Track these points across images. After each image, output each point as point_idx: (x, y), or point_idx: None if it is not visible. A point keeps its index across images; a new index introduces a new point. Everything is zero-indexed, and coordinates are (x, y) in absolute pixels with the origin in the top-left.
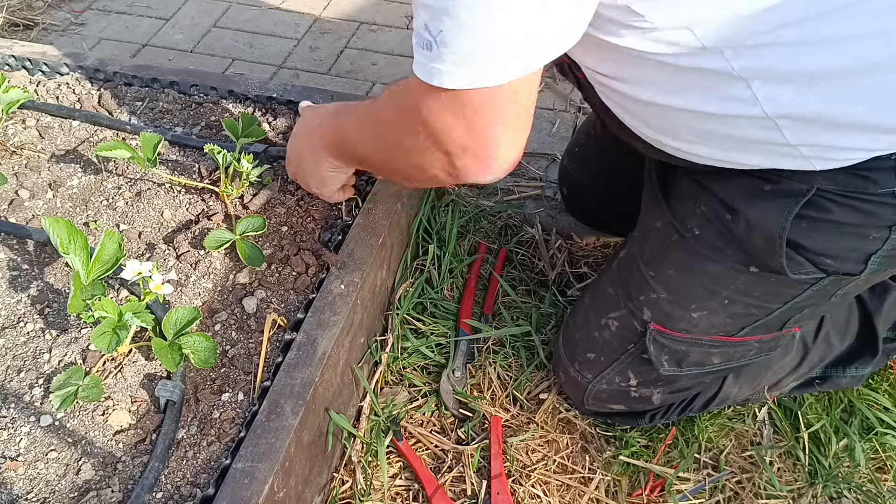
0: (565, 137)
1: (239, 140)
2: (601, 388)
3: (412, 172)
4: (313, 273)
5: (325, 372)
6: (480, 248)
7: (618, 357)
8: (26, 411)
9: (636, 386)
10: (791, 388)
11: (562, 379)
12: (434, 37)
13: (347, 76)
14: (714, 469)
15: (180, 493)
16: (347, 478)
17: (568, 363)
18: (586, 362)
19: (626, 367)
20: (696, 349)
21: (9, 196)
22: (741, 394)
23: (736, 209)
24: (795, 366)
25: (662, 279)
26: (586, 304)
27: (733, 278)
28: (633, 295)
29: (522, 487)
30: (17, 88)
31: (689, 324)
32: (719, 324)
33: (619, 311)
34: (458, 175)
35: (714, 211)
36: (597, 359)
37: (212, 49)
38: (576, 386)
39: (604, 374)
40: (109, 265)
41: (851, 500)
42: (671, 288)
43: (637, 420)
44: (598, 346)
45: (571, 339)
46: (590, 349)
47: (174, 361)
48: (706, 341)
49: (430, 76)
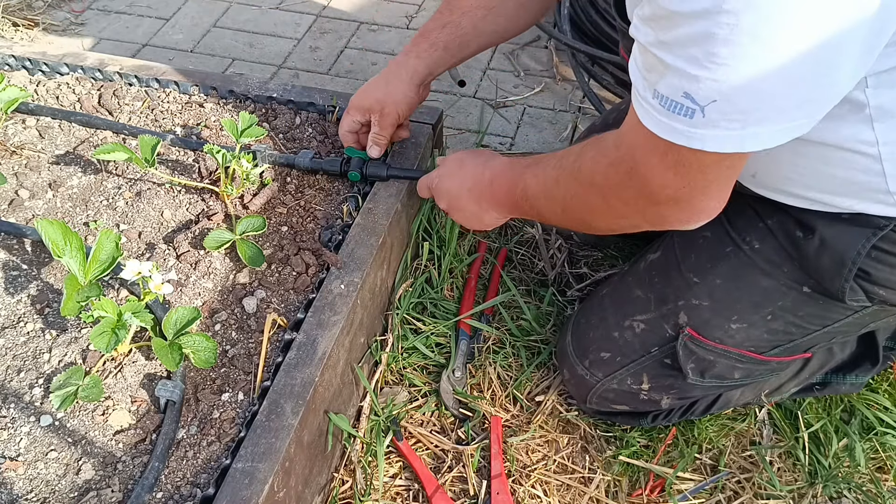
0: (565, 137)
1: (239, 140)
2: (610, 388)
3: (604, 223)
4: (313, 273)
5: (325, 372)
6: (480, 248)
7: (637, 359)
8: (26, 411)
9: (648, 390)
10: (791, 393)
11: (566, 376)
12: (702, 106)
13: (347, 76)
14: (714, 469)
15: (180, 492)
16: (347, 478)
17: (576, 361)
18: (599, 361)
19: (643, 370)
20: (724, 361)
21: (9, 196)
22: (742, 399)
23: (813, 228)
24: (797, 371)
25: (707, 287)
26: (604, 305)
27: (783, 295)
28: (668, 299)
29: (522, 487)
30: (14, 87)
31: (726, 334)
32: (755, 338)
33: (648, 315)
34: (661, 224)
35: (783, 226)
36: (612, 359)
37: (212, 49)
38: (581, 384)
39: (616, 375)
40: (107, 265)
41: (851, 500)
42: (715, 296)
43: (639, 420)
44: (615, 346)
45: (584, 338)
46: (605, 349)
47: (174, 361)
48: (735, 354)
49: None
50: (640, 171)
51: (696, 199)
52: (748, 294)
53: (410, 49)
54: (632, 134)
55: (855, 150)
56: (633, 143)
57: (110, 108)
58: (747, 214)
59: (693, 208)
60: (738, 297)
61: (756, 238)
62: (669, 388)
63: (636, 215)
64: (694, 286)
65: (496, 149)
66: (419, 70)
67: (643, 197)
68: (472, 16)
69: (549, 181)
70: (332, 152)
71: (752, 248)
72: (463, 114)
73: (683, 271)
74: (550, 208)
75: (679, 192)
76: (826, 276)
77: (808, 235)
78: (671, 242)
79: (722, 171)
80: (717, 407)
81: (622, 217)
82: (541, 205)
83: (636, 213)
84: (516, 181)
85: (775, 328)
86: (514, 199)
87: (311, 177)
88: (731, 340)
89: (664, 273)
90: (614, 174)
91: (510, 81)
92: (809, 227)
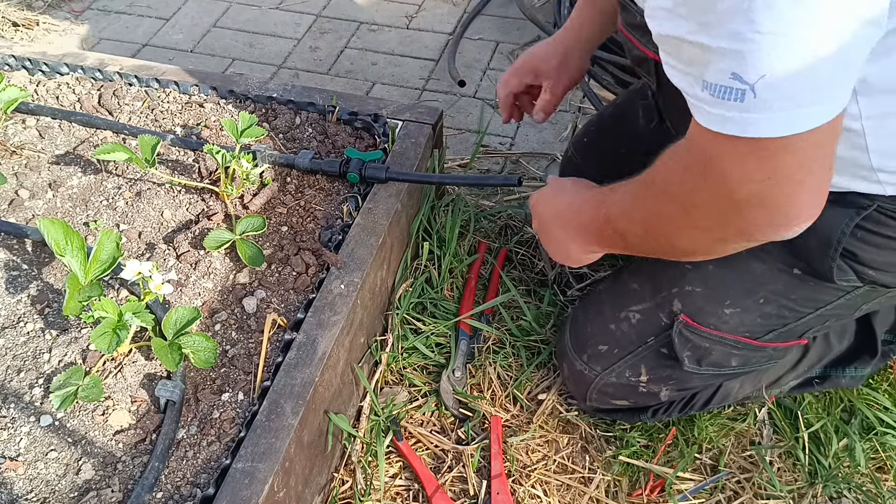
0: (565, 137)
1: (239, 140)
2: (609, 382)
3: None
4: (313, 273)
5: (325, 372)
6: (480, 248)
7: (634, 350)
8: (26, 411)
9: (646, 382)
10: (791, 388)
11: (565, 373)
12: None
13: (347, 76)
14: (714, 469)
15: (180, 492)
16: (347, 478)
17: (574, 356)
18: (597, 355)
19: (641, 361)
20: (720, 347)
21: (9, 196)
22: (742, 391)
23: None
24: (795, 363)
25: (701, 273)
26: (601, 299)
27: (775, 278)
28: (663, 287)
29: (522, 487)
30: (14, 87)
31: (720, 319)
32: (749, 323)
33: (644, 304)
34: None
35: None
36: (609, 351)
37: (212, 49)
38: (580, 380)
39: (614, 367)
40: (107, 265)
41: (851, 500)
42: (709, 283)
43: (639, 415)
44: (613, 338)
45: (581, 333)
46: (603, 342)
47: (174, 361)
48: (730, 340)
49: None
50: (714, 166)
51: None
52: (740, 279)
53: (578, 16)
54: (698, 136)
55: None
56: (703, 145)
57: (110, 108)
58: None
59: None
60: (731, 283)
61: None
62: (668, 378)
63: (719, 225)
64: (687, 273)
65: (496, 148)
66: (592, 38)
67: (722, 198)
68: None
69: (627, 198)
70: (332, 152)
71: None
72: (463, 114)
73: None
74: (632, 230)
75: (763, 186)
76: (814, 256)
77: None
78: None
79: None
80: (716, 400)
81: (705, 230)
82: (623, 227)
83: (718, 222)
84: (599, 206)
85: (768, 312)
86: (598, 225)
87: (311, 177)
88: (725, 326)
89: (658, 262)
90: (689, 178)
91: None
92: None
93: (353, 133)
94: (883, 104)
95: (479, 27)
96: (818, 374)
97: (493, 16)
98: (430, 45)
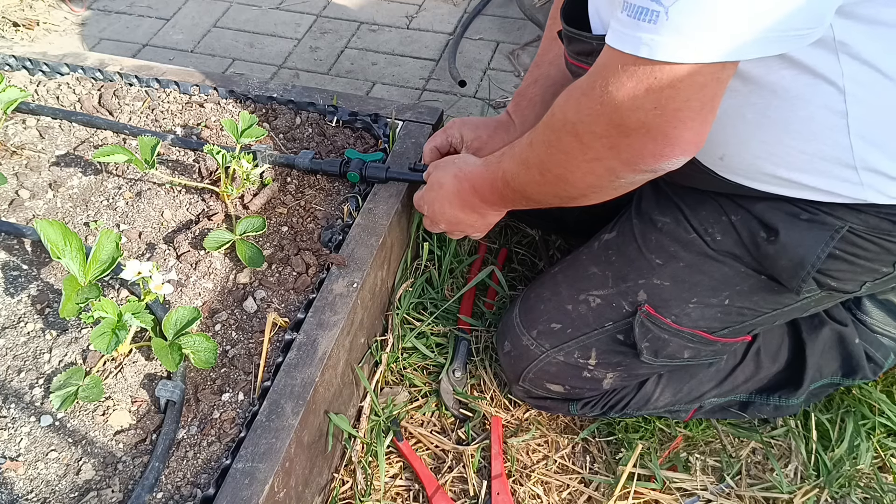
0: None
1: (239, 140)
2: (554, 361)
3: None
4: (313, 273)
5: (325, 372)
6: (480, 248)
7: (588, 332)
8: (26, 411)
9: (594, 366)
10: (712, 406)
11: (506, 348)
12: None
13: (347, 76)
14: (715, 469)
15: (180, 493)
16: (348, 478)
17: (522, 331)
18: (548, 332)
19: (593, 344)
20: (677, 340)
21: (9, 196)
22: (662, 399)
23: (776, 229)
24: (720, 381)
25: (670, 269)
26: (557, 280)
27: (742, 280)
28: (628, 277)
29: (523, 487)
30: (15, 87)
31: (683, 312)
32: (709, 318)
33: (605, 290)
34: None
35: (746, 225)
36: (562, 330)
37: (212, 49)
38: (523, 356)
39: (564, 346)
40: (107, 265)
41: (853, 500)
42: (678, 278)
43: (568, 406)
44: (567, 318)
45: (534, 310)
46: (556, 320)
47: (174, 361)
48: (687, 334)
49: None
50: (610, 92)
51: (668, 126)
52: (709, 278)
53: (513, 110)
54: (603, 57)
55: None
56: (604, 64)
57: (111, 108)
58: (710, 207)
59: (666, 138)
60: (699, 281)
61: (718, 231)
62: (617, 365)
63: (611, 154)
64: (657, 267)
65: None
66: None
67: (614, 126)
68: (559, 64)
69: (522, 149)
70: (332, 152)
71: (713, 238)
72: (463, 114)
73: (645, 252)
74: (529, 178)
75: (649, 115)
76: (784, 275)
77: (770, 237)
78: (628, 223)
79: (695, 90)
80: (633, 404)
81: (597, 159)
82: (521, 180)
83: (611, 151)
84: (495, 174)
85: (730, 310)
86: (498, 190)
87: (312, 177)
88: (686, 320)
89: (622, 252)
90: (587, 103)
91: (510, 81)
92: (773, 229)
93: (353, 133)
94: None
95: (480, 27)
96: (742, 398)
97: (493, 16)
98: (430, 45)
